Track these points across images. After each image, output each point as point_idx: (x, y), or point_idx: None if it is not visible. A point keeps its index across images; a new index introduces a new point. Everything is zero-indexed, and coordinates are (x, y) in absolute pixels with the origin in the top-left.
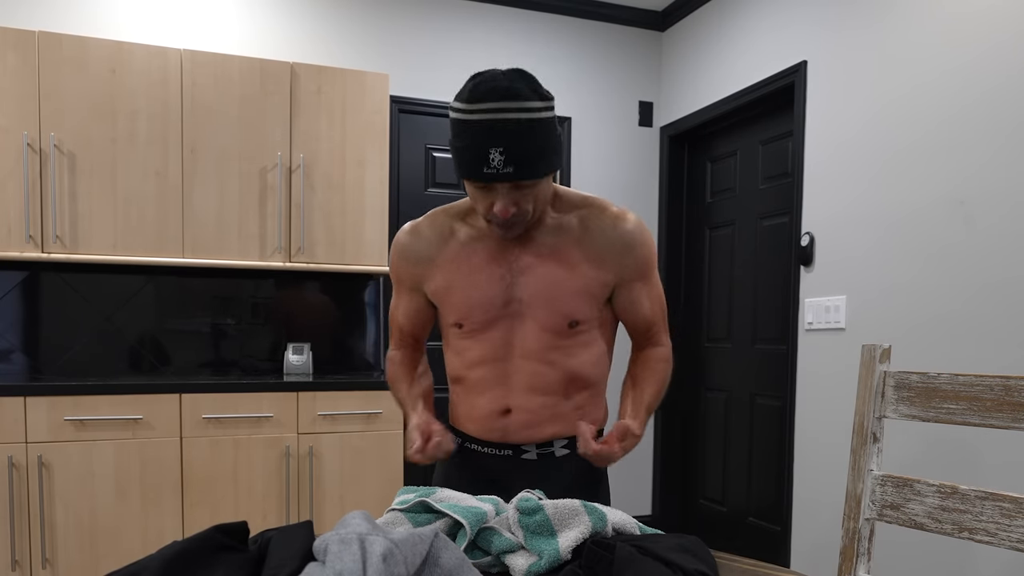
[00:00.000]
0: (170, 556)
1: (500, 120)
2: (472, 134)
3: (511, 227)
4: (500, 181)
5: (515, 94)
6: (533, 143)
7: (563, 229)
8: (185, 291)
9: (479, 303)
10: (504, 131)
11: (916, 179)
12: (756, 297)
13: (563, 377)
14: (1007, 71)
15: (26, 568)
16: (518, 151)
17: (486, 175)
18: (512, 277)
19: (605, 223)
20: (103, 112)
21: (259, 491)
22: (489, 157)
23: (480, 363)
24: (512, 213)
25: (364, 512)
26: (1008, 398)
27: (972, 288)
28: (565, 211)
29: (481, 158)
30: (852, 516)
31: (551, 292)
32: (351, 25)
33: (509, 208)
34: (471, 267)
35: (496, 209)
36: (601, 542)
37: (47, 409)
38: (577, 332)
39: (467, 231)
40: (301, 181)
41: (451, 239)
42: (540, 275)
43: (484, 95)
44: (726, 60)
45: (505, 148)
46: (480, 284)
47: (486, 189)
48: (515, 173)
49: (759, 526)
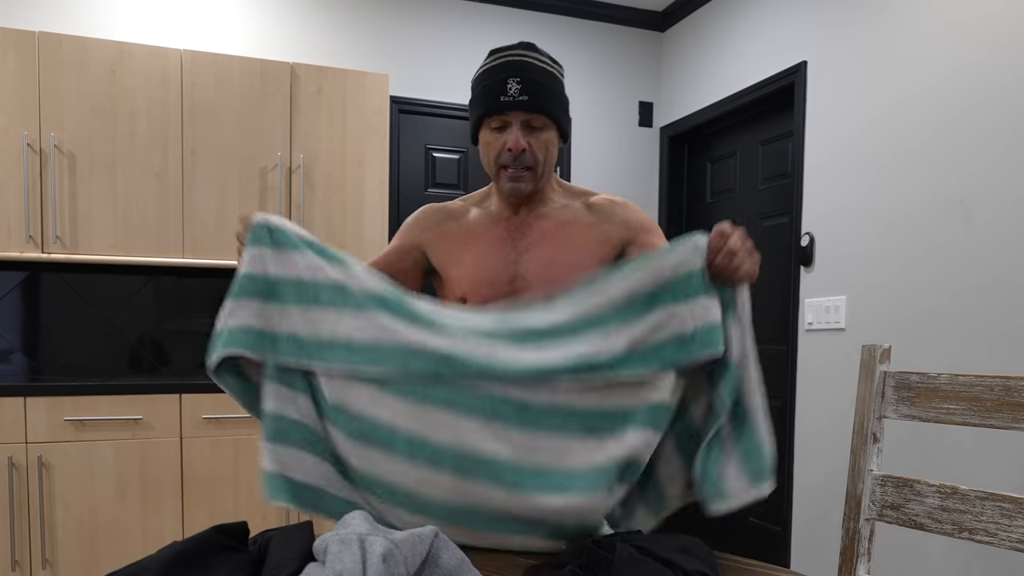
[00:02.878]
0: (170, 556)
1: (519, 60)
2: (492, 73)
3: (522, 171)
4: (516, 109)
5: (533, 47)
6: (547, 83)
7: (569, 209)
8: (185, 291)
9: (485, 279)
10: (522, 66)
11: (916, 179)
12: (756, 297)
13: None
14: (1007, 71)
15: (26, 568)
16: (533, 84)
17: (503, 103)
18: (517, 255)
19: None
20: (103, 112)
21: (259, 491)
22: (507, 86)
23: None
24: (523, 149)
25: (364, 512)
26: (1008, 398)
27: (972, 288)
28: (569, 196)
29: (500, 89)
30: (852, 516)
31: (555, 270)
32: (351, 25)
33: (520, 141)
34: (480, 244)
35: (510, 143)
36: (601, 542)
37: (47, 409)
38: None
39: (480, 212)
40: (301, 181)
41: (464, 217)
42: (545, 253)
43: (505, 48)
44: (726, 60)
45: (522, 79)
46: (487, 261)
47: (501, 128)
48: (530, 101)
49: (759, 526)
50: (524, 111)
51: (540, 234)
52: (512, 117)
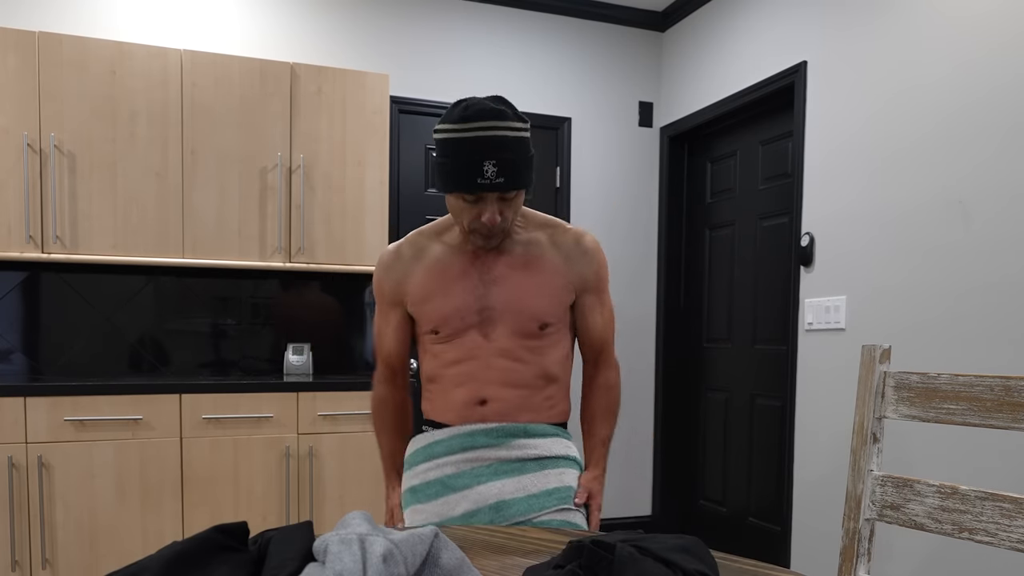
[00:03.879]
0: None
1: (493, 136)
2: (467, 150)
3: (493, 236)
4: (493, 191)
5: (502, 115)
6: (520, 156)
7: (532, 243)
8: (185, 291)
9: (455, 311)
10: (497, 145)
11: (915, 179)
12: (756, 297)
13: (536, 373)
14: (1006, 71)
15: (26, 568)
16: (508, 163)
17: (480, 185)
18: (485, 288)
19: (568, 238)
20: (103, 112)
21: (259, 491)
22: (483, 169)
23: (456, 362)
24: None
25: (364, 512)
26: (1008, 398)
27: (972, 288)
28: (532, 229)
29: (475, 171)
30: (852, 516)
31: (523, 299)
32: (351, 25)
33: (496, 216)
34: (446, 279)
35: (485, 218)
36: (601, 542)
37: (47, 409)
38: (546, 334)
39: (441, 248)
40: (301, 181)
41: (427, 254)
42: (512, 284)
43: (475, 115)
44: (726, 60)
45: (498, 161)
46: (455, 294)
47: (475, 202)
48: (506, 183)
49: (759, 526)
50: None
51: (507, 267)
52: (488, 197)
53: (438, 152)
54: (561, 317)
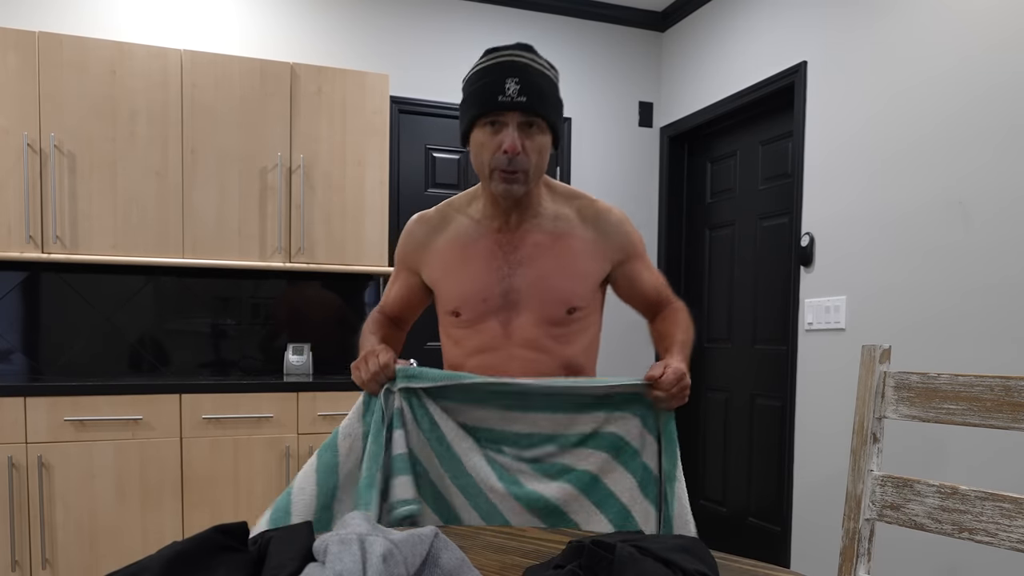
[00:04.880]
0: (170, 557)
1: (517, 61)
2: (489, 72)
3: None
4: (513, 110)
5: (529, 48)
6: (544, 84)
7: (561, 217)
8: (185, 291)
9: (476, 292)
10: (521, 67)
11: (915, 179)
12: (756, 297)
13: (558, 365)
14: (1006, 71)
15: (26, 568)
16: (531, 85)
17: (501, 103)
18: (510, 269)
19: (599, 210)
20: (103, 112)
21: (259, 491)
22: (505, 86)
23: (478, 352)
24: (519, 152)
25: (364, 512)
26: (1008, 398)
27: (971, 288)
28: (560, 202)
29: (497, 89)
30: (852, 516)
31: (550, 281)
32: (351, 25)
33: (516, 143)
34: (467, 255)
35: (506, 144)
36: (601, 542)
37: (47, 409)
38: (574, 319)
39: (467, 221)
40: (301, 181)
41: (451, 225)
42: (539, 266)
43: (502, 48)
44: (726, 60)
45: (520, 79)
46: (477, 275)
47: (496, 128)
48: (528, 102)
49: (759, 526)
50: (522, 112)
51: (534, 247)
52: (508, 118)
53: (465, 90)
54: (590, 300)
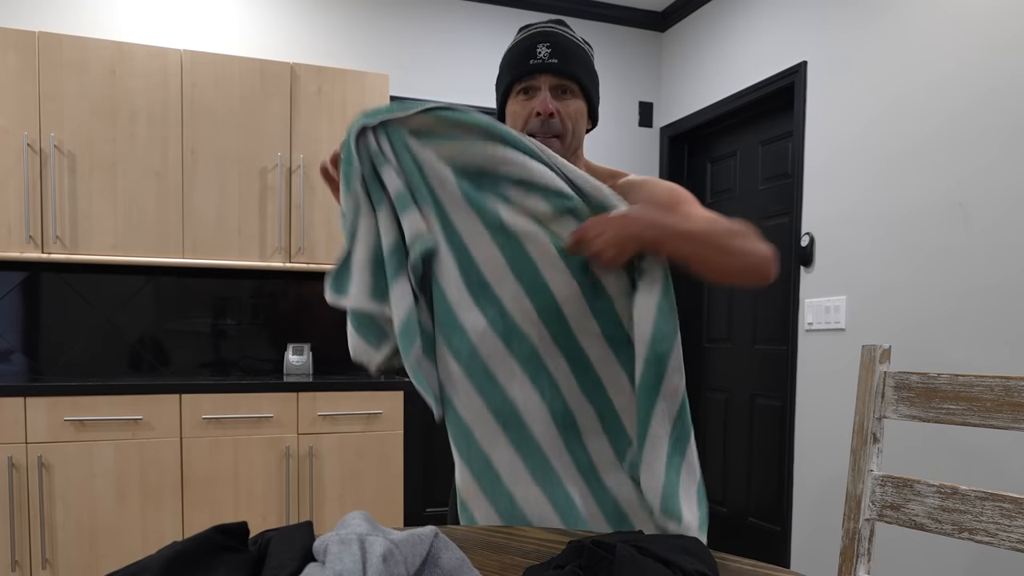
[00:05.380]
0: (170, 557)
1: (548, 30)
2: (521, 44)
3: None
4: (545, 72)
5: (561, 22)
6: (576, 51)
7: None
8: (185, 291)
9: None
10: (552, 35)
11: (916, 180)
12: (756, 297)
13: None
14: (1007, 72)
15: (26, 568)
16: (563, 49)
17: (532, 65)
18: None
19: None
20: (103, 113)
21: (259, 492)
22: (536, 50)
23: None
24: (552, 113)
25: (364, 512)
26: (1008, 398)
27: (971, 288)
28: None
29: (529, 54)
30: (852, 516)
31: None
32: (351, 25)
33: (548, 104)
34: None
35: (538, 107)
36: (601, 543)
37: (47, 409)
38: None
39: None
40: (301, 181)
41: None
42: None
43: (535, 23)
44: (726, 60)
45: (552, 44)
46: None
47: (529, 96)
48: (560, 64)
49: (759, 526)
50: (554, 74)
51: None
52: (541, 81)
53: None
54: None
